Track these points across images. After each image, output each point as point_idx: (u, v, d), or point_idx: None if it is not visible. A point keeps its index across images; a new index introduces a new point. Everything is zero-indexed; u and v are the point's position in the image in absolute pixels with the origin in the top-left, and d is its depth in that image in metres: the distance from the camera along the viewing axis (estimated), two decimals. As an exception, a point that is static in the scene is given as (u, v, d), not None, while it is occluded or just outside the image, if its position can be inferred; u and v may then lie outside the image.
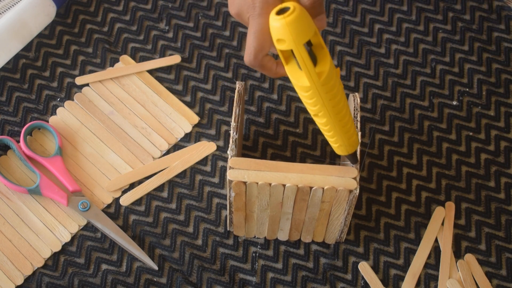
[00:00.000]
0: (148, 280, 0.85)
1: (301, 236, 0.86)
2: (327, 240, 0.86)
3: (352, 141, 0.75)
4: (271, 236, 0.86)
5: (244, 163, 0.77)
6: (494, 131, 0.94)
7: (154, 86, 0.95)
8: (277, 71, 0.73)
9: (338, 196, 0.78)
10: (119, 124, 0.93)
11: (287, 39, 0.65)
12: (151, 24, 0.99)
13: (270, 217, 0.82)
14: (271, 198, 0.78)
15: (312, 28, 0.66)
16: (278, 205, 0.79)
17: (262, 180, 0.77)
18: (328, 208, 0.80)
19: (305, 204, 0.79)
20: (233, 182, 0.77)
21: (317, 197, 0.78)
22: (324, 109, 0.71)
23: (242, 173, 0.77)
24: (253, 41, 0.70)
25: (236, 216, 0.83)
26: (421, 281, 0.86)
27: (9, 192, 0.89)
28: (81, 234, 0.87)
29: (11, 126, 0.93)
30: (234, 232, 0.86)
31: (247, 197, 0.79)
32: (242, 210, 0.81)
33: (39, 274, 0.85)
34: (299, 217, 0.82)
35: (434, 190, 0.90)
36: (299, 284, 0.86)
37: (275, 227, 0.84)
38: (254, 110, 0.94)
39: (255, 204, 0.80)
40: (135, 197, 0.89)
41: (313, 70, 0.68)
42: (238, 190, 0.78)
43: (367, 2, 1.01)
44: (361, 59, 0.98)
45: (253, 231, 0.86)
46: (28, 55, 0.97)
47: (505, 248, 0.88)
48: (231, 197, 0.79)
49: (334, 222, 0.82)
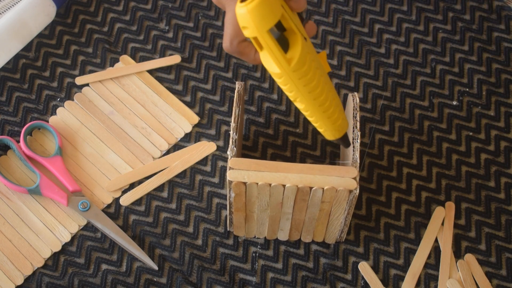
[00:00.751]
0: (148, 280, 0.85)
1: (301, 236, 0.86)
2: (327, 240, 0.86)
3: (338, 126, 0.74)
4: (271, 236, 0.86)
5: (244, 164, 0.77)
6: (494, 131, 0.94)
7: (154, 86, 0.95)
8: (255, 57, 0.73)
9: (338, 196, 0.78)
10: (119, 124, 0.93)
11: (250, 26, 0.64)
12: (151, 24, 0.99)
13: (270, 217, 0.82)
14: (271, 199, 0.78)
15: (277, 15, 0.65)
16: (278, 205, 0.80)
17: (262, 180, 0.77)
18: (328, 208, 0.80)
19: (305, 204, 0.79)
20: (233, 182, 0.77)
21: (317, 197, 0.78)
22: (300, 95, 0.70)
23: (242, 174, 0.77)
24: (228, 28, 0.71)
25: (236, 216, 0.83)
26: (421, 281, 0.86)
27: (9, 192, 0.89)
28: (81, 234, 0.87)
29: (11, 126, 0.93)
30: (234, 232, 0.86)
31: (247, 198, 0.79)
32: (242, 211, 0.81)
33: (39, 274, 0.85)
34: (299, 217, 0.82)
35: (434, 190, 0.90)
36: (299, 284, 0.86)
37: (275, 227, 0.84)
38: (254, 110, 0.94)
39: (255, 204, 0.80)
40: (135, 197, 0.89)
41: (282, 56, 0.66)
42: (238, 190, 0.78)
43: (367, 2, 1.01)
44: (361, 59, 0.98)
45: (253, 231, 0.86)
46: (28, 55, 0.97)
47: (505, 248, 0.88)
48: (231, 197, 0.79)
49: (334, 222, 0.82)
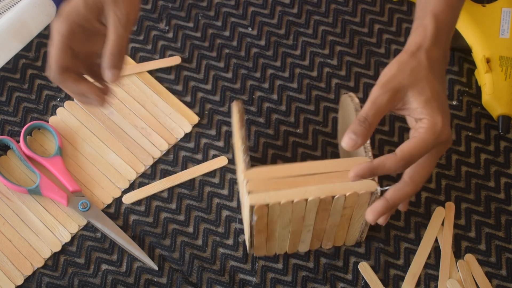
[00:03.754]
0: (148, 280, 0.85)
1: (322, 244, 0.85)
2: (347, 242, 0.86)
3: None
4: (292, 250, 0.85)
5: (262, 185, 0.75)
6: (494, 131, 0.94)
7: (154, 86, 0.95)
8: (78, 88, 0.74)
9: (359, 200, 0.76)
10: (119, 124, 0.93)
11: None
12: (151, 24, 0.99)
13: (291, 233, 0.80)
14: (293, 215, 0.77)
15: None
16: (300, 219, 0.78)
17: (284, 199, 0.74)
18: (350, 213, 0.78)
19: (327, 213, 0.77)
20: (255, 206, 0.74)
21: (339, 204, 0.76)
22: None
23: (263, 196, 0.74)
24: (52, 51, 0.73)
25: (257, 238, 0.80)
26: (421, 281, 0.86)
27: (9, 192, 0.89)
28: (81, 234, 0.87)
29: (11, 126, 0.93)
30: (255, 253, 0.85)
31: (269, 218, 0.77)
32: (264, 232, 0.79)
33: (39, 274, 0.85)
34: (321, 226, 0.80)
35: (434, 190, 0.90)
36: (299, 284, 0.86)
37: (296, 241, 0.83)
38: (254, 111, 0.94)
39: (277, 223, 0.78)
40: (138, 197, 0.89)
41: None
42: (260, 213, 0.75)
43: (367, 2, 1.01)
44: (361, 59, 0.98)
45: (274, 248, 0.84)
46: (28, 55, 0.97)
47: (505, 248, 0.88)
48: (253, 221, 0.76)
49: (355, 224, 0.81)
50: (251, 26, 0.99)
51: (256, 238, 0.80)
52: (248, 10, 1.00)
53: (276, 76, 0.96)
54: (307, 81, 0.96)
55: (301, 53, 0.98)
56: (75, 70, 0.74)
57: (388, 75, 0.72)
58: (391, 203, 0.73)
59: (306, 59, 0.97)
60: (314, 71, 0.97)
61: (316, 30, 0.99)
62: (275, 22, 1.00)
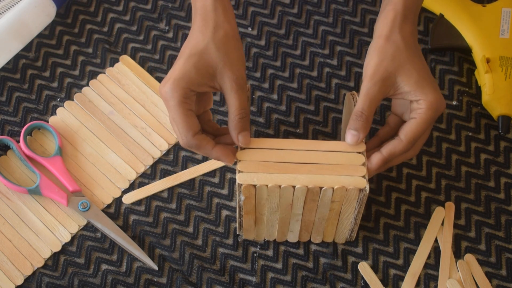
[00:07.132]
0: (148, 280, 0.85)
1: (311, 237, 0.86)
2: (337, 239, 0.86)
3: None
4: (280, 238, 0.86)
5: (253, 166, 0.77)
6: (494, 131, 0.94)
7: (154, 86, 0.95)
8: (213, 151, 0.77)
9: (348, 195, 0.77)
10: (119, 124, 0.93)
11: None
12: (151, 24, 0.99)
13: (280, 219, 0.81)
14: (281, 200, 0.78)
15: None
16: (288, 206, 0.79)
17: (272, 182, 0.76)
18: (338, 208, 0.79)
19: (315, 204, 0.79)
20: (243, 185, 0.76)
21: (327, 197, 0.77)
22: None
23: (252, 176, 0.76)
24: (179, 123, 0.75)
25: (246, 219, 0.82)
26: (421, 281, 0.86)
27: (9, 192, 0.89)
28: (81, 234, 0.87)
29: (11, 126, 0.93)
30: (243, 236, 0.86)
31: (256, 200, 0.78)
32: (252, 213, 0.81)
33: (39, 274, 0.85)
34: (309, 218, 0.81)
35: (434, 190, 0.90)
36: (299, 284, 0.86)
37: (285, 229, 0.84)
38: (254, 110, 0.94)
39: (265, 206, 0.79)
40: (138, 197, 0.89)
41: None
42: (248, 193, 0.77)
43: (367, 2, 1.01)
44: (361, 59, 0.98)
45: (263, 234, 0.85)
46: (28, 55, 0.97)
47: (505, 248, 0.88)
48: (240, 200, 0.78)
49: (344, 221, 0.82)
50: (251, 26, 0.99)
51: (245, 219, 0.82)
52: (248, 10, 1.00)
53: (276, 76, 0.96)
54: (307, 81, 0.96)
55: (301, 53, 0.98)
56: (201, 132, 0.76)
57: (373, 66, 0.76)
58: (386, 157, 0.76)
59: (306, 59, 0.97)
60: (314, 71, 0.97)
61: (316, 30, 0.99)
62: (275, 22, 1.00)
